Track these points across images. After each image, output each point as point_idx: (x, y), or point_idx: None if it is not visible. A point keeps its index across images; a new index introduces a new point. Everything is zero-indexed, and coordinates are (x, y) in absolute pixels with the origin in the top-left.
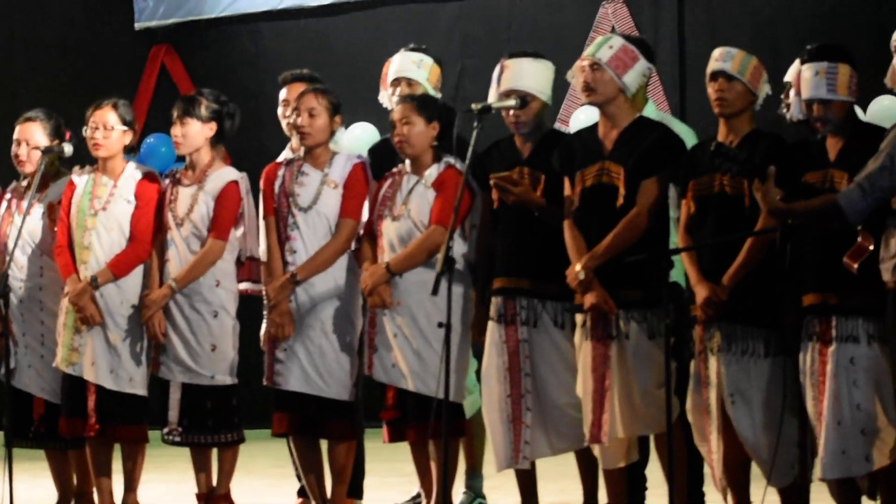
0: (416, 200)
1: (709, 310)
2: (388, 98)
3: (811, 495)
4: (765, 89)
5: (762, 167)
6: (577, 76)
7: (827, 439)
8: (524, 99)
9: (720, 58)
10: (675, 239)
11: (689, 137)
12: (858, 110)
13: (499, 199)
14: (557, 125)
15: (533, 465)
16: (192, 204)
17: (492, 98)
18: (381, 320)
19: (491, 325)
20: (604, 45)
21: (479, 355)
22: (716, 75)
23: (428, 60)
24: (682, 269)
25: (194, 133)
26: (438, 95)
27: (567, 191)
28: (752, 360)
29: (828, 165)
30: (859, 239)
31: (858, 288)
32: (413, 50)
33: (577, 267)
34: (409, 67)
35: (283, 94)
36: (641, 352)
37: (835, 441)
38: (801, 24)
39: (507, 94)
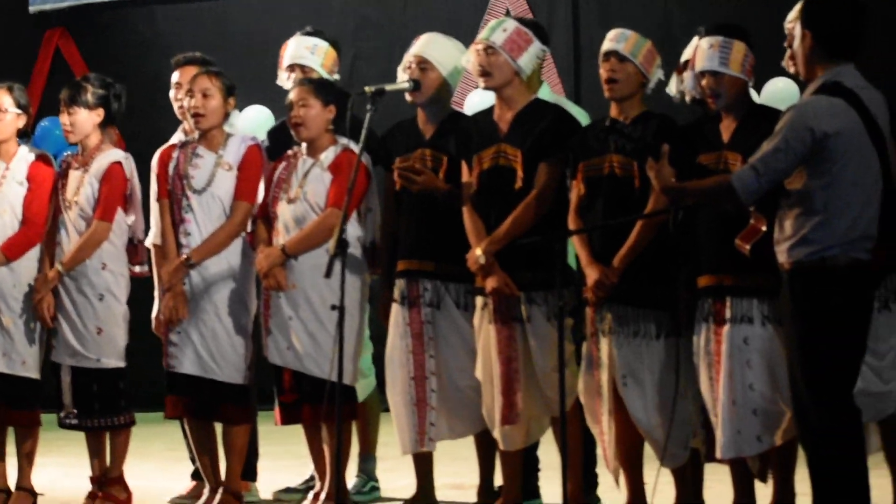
0: (312, 183)
1: (599, 292)
2: (285, 81)
3: (705, 476)
4: (657, 74)
5: (655, 146)
6: (472, 60)
7: (723, 419)
8: (417, 81)
9: (614, 38)
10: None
11: (583, 120)
12: (753, 93)
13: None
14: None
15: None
16: (79, 186)
17: (401, 74)
18: (277, 303)
19: (395, 308)
20: (497, 29)
21: (374, 339)
22: (608, 55)
23: (322, 45)
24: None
25: (82, 121)
26: (336, 79)
27: (465, 175)
28: (643, 342)
29: (721, 147)
30: (752, 220)
31: (753, 269)
32: (308, 34)
33: (478, 251)
34: (304, 54)
35: (175, 76)
36: (542, 334)
37: (730, 421)
38: (695, 9)
39: (409, 62)
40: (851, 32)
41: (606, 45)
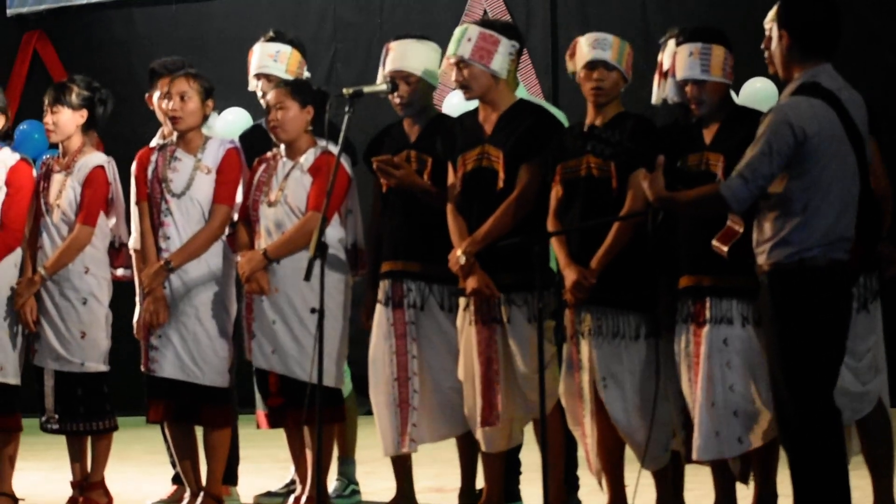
0: (292, 186)
1: (578, 293)
2: (255, 88)
3: (686, 478)
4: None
5: (643, 154)
6: (448, 74)
7: (701, 421)
8: (395, 83)
9: (597, 45)
10: None
11: (562, 121)
12: (731, 93)
13: (386, 184)
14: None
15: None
16: (61, 190)
17: (380, 81)
18: (260, 307)
19: (379, 309)
20: (462, 40)
21: (350, 341)
22: (594, 64)
23: (285, 50)
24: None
25: (65, 121)
26: (307, 76)
27: (451, 176)
28: (623, 343)
29: (703, 148)
30: (728, 222)
31: (733, 270)
32: (271, 40)
33: (459, 252)
34: (267, 63)
35: (157, 87)
36: (522, 335)
37: (708, 422)
38: (671, 9)
39: (391, 76)
40: (828, 31)
41: (591, 54)
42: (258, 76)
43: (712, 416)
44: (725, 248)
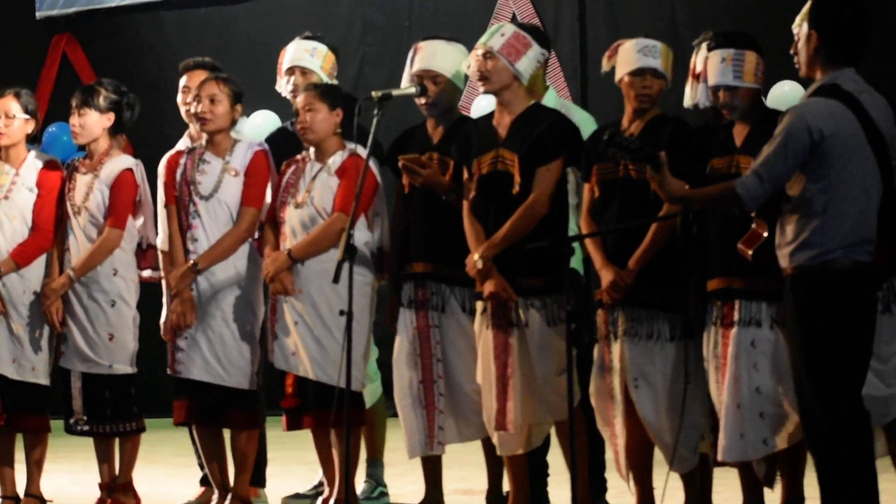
0: (319, 188)
1: (615, 293)
2: (283, 87)
3: (714, 480)
4: None
5: (654, 155)
6: (472, 65)
7: (726, 422)
8: (424, 87)
9: (647, 53)
10: (574, 225)
11: (588, 125)
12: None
13: (409, 185)
14: (461, 112)
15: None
16: (88, 192)
17: (405, 81)
18: (283, 308)
19: (402, 311)
20: (496, 34)
21: (379, 344)
22: (643, 72)
23: (322, 48)
24: (580, 255)
25: (92, 123)
26: (334, 83)
27: (465, 179)
28: (656, 344)
29: (734, 151)
30: (753, 225)
31: (762, 273)
32: (307, 38)
33: (476, 256)
34: (303, 56)
35: (183, 81)
36: (542, 339)
37: (734, 423)
38: (701, 11)
39: (417, 75)
40: (857, 37)
41: (640, 61)
42: (292, 70)
43: (738, 417)
44: (750, 252)
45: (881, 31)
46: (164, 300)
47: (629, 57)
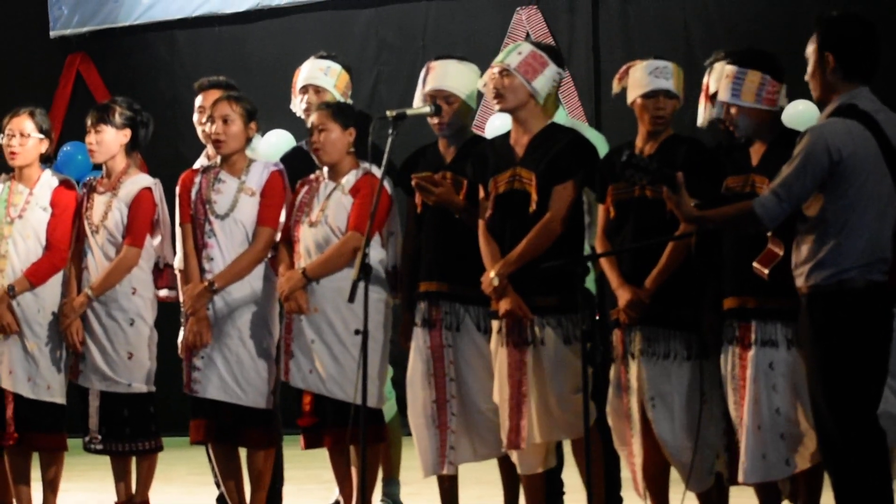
0: (333, 207)
1: (632, 312)
2: (297, 105)
3: (730, 500)
4: None
5: (671, 176)
6: (487, 83)
7: (747, 444)
8: (438, 106)
9: (659, 74)
10: (587, 244)
11: (600, 144)
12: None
13: (422, 204)
14: (473, 131)
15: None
16: (107, 211)
17: (417, 100)
18: (299, 326)
19: (416, 330)
20: (513, 52)
21: (394, 363)
22: (656, 93)
23: (336, 67)
24: (593, 275)
25: (109, 140)
26: (348, 102)
27: (481, 199)
28: (672, 364)
29: (749, 170)
30: (769, 245)
31: (777, 292)
32: (322, 57)
33: (492, 274)
34: (317, 75)
35: (198, 100)
36: (557, 357)
37: (755, 445)
38: (715, 30)
39: (430, 95)
40: (869, 54)
41: (652, 83)
42: (305, 88)
43: (759, 439)
44: (766, 271)
45: (888, 51)
46: (182, 319)
47: (641, 79)
